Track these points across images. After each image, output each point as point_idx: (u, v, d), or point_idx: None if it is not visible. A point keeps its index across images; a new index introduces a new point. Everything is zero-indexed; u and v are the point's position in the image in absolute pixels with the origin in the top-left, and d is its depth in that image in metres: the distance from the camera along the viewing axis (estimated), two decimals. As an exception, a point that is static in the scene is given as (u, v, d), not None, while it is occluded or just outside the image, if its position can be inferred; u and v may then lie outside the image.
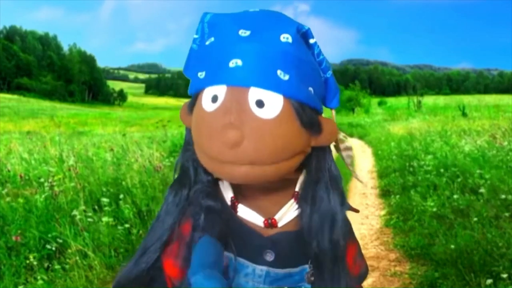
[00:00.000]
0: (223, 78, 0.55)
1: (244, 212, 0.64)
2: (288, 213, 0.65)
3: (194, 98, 0.60)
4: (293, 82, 0.55)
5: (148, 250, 0.65)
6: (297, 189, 0.65)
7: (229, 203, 0.65)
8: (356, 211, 0.71)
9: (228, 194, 0.66)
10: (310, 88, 0.58)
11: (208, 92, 0.56)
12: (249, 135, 0.53)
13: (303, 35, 0.59)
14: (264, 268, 0.63)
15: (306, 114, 0.57)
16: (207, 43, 0.59)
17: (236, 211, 0.64)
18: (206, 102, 0.57)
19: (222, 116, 0.55)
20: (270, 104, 0.54)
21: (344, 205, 0.65)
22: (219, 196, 0.66)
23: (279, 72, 0.54)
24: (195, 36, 0.62)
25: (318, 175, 0.64)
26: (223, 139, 0.53)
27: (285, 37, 0.56)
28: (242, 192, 0.65)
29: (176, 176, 0.68)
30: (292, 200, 0.65)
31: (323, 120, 0.61)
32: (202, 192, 0.65)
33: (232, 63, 0.54)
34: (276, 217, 0.64)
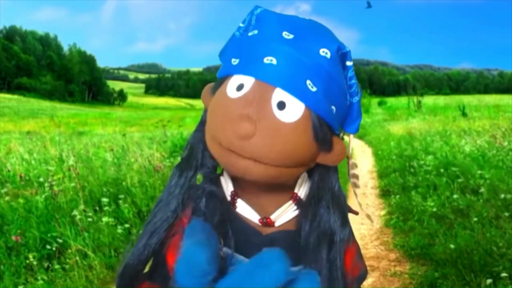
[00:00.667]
0: (254, 71, 0.56)
1: (242, 208, 0.64)
2: (285, 214, 0.65)
3: (220, 82, 0.61)
4: (319, 95, 0.56)
5: (156, 232, 0.64)
6: (296, 190, 0.65)
7: (228, 197, 0.65)
8: (356, 213, 0.71)
9: (228, 188, 0.66)
10: (333, 107, 0.58)
11: (235, 79, 0.57)
12: (262, 131, 0.54)
13: (342, 55, 0.59)
14: None
15: (322, 129, 0.57)
16: (250, 34, 0.60)
17: (235, 207, 0.65)
18: (230, 88, 0.57)
19: (242, 106, 0.55)
20: (291, 109, 0.55)
21: (345, 226, 0.65)
22: (220, 187, 0.66)
23: (308, 82, 0.55)
24: (241, 25, 0.63)
25: (319, 193, 0.64)
26: (236, 128, 0.54)
27: (324, 52, 0.57)
28: (242, 187, 0.65)
29: (184, 155, 0.68)
30: (290, 202, 0.65)
31: (335, 141, 0.61)
32: (206, 177, 0.65)
33: (267, 59, 0.55)
34: (272, 217, 0.64)
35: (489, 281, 2.72)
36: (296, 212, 0.65)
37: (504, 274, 2.74)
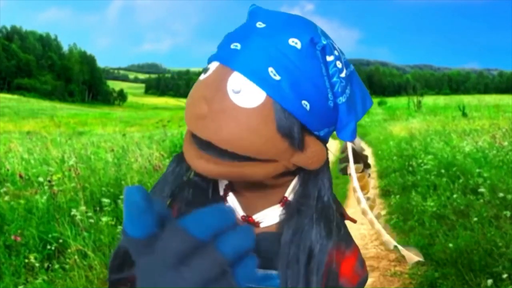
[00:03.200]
0: (219, 56, 0.57)
1: (231, 203, 0.64)
2: (271, 216, 0.63)
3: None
4: (283, 85, 0.53)
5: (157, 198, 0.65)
6: (286, 194, 0.64)
7: (222, 191, 0.65)
8: (354, 221, 0.70)
9: (223, 183, 0.66)
10: (305, 102, 0.55)
11: (209, 65, 0.59)
12: (213, 112, 0.54)
13: (322, 49, 0.55)
14: None
15: (287, 122, 0.54)
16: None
17: (226, 200, 0.64)
18: (202, 74, 0.59)
19: (202, 88, 0.56)
20: (248, 94, 0.53)
21: (329, 238, 0.61)
22: (212, 181, 0.66)
23: (270, 69, 0.53)
24: None
25: (302, 200, 0.61)
26: (194, 109, 0.55)
27: (294, 42, 0.54)
28: (233, 184, 0.65)
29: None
30: (278, 205, 0.63)
31: (311, 141, 0.58)
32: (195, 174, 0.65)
33: (233, 45, 0.55)
34: (255, 216, 0.63)
35: (490, 281, 2.72)
36: (281, 217, 0.63)
37: (504, 275, 2.74)
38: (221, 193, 0.65)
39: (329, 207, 0.62)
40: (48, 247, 3.23)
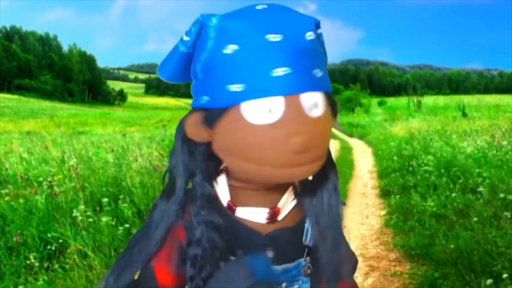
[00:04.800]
0: (275, 89, 0.54)
1: (243, 213, 0.64)
2: (287, 203, 0.66)
3: (219, 112, 0.57)
4: (326, 76, 0.59)
5: (133, 262, 0.62)
6: None
7: (225, 204, 0.65)
8: (343, 203, 0.73)
9: (224, 198, 0.65)
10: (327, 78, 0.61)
11: (256, 105, 0.54)
12: (311, 137, 0.56)
13: (318, 26, 0.61)
14: None
15: (334, 104, 0.61)
16: (226, 51, 0.55)
17: (234, 212, 0.64)
18: (257, 115, 0.54)
19: (283, 125, 0.55)
20: (320, 104, 0.57)
21: (339, 200, 0.68)
22: (218, 204, 0.64)
23: (316, 71, 0.57)
24: (186, 38, 0.59)
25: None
26: (291, 147, 0.55)
27: (310, 35, 0.57)
28: (238, 195, 0.64)
29: (166, 186, 0.65)
30: (290, 188, 0.67)
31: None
32: (201, 207, 0.63)
33: (279, 72, 0.53)
34: (279, 205, 0.65)
35: (489, 281, 2.72)
36: (294, 202, 0.68)
37: (504, 275, 2.74)
38: (225, 205, 0.65)
39: (334, 173, 0.68)
40: (48, 247, 3.23)
